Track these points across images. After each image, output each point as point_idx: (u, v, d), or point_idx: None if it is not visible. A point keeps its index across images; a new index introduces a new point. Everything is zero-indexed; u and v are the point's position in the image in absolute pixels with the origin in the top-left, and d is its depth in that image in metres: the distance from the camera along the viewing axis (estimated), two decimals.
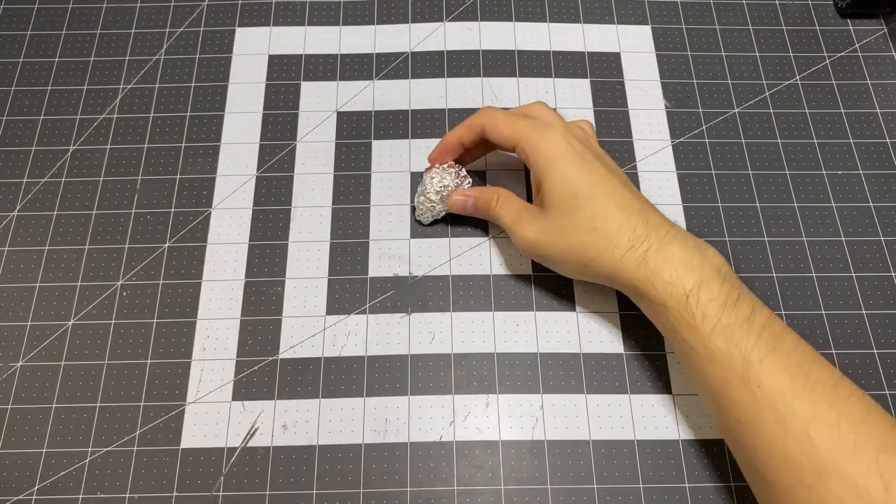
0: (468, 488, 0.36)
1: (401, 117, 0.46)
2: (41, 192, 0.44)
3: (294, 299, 0.41)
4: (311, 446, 0.37)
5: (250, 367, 0.39)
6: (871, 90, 0.47)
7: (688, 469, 0.37)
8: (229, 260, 0.42)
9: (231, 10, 0.50)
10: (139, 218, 0.43)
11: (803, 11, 0.50)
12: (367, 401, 0.38)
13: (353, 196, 0.43)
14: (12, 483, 0.36)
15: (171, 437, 0.37)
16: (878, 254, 0.42)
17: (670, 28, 0.49)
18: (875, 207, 0.44)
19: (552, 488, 0.36)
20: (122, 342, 0.40)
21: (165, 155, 0.45)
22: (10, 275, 0.41)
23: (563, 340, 0.40)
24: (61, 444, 0.37)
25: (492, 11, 0.50)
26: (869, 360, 0.39)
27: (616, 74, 0.48)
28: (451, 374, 0.39)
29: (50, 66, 0.48)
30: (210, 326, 0.40)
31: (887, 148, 0.45)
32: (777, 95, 0.47)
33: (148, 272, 0.41)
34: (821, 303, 0.41)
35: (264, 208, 0.43)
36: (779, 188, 0.44)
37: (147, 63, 0.48)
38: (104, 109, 0.46)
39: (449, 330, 0.40)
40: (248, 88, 0.47)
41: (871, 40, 0.49)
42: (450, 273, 0.41)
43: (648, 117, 0.46)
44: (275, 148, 0.45)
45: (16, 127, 0.46)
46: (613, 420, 0.38)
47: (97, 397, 0.38)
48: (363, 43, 0.48)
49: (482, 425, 0.38)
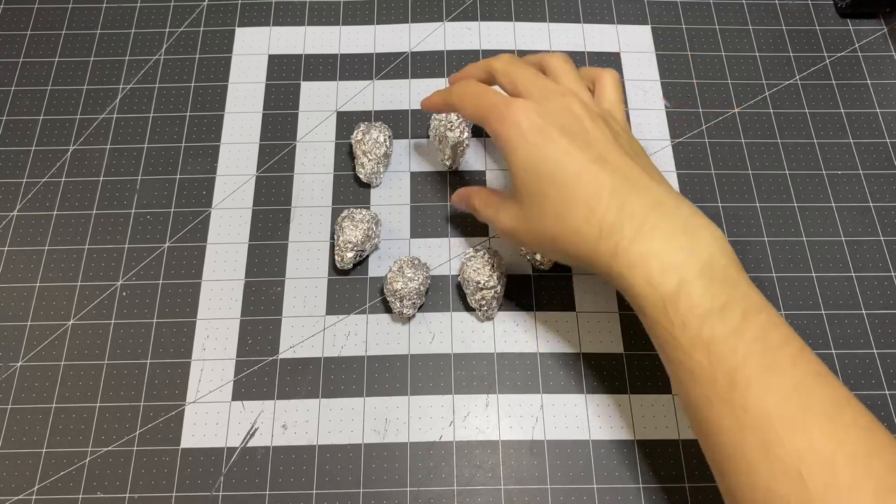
0: (468, 488, 0.36)
1: (401, 117, 0.46)
2: (41, 192, 0.44)
3: (294, 299, 0.41)
4: (311, 446, 0.37)
5: (250, 367, 0.39)
6: (871, 90, 0.47)
7: (688, 469, 0.37)
8: (229, 260, 0.42)
9: (231, 9, 0.50)
10: (139, 218, 0.43)
11: (803, 11, 0.50)
12: (367, 401, 0.38)
13: (354, 196, 0.43)
14: (12, 483, 0.36)
15: (170, 436, 0.37)
16: (878, 254, 0.42)
17: (670, 28, 0.49)
18: (875, 207, 0.44)
19: (552, 488, 0.36)
20: (122, 342, 0.40)
21: (165, 155, 0.45)
22: (10, 275, 0.41)
23: (563, 340, 0.40)
24: (61, 444, 0.37)
25: (492, 11, 0.50)
26: (869, 360, 0.39)
27: None
28: (451, 374, 0.39)
29: (50, 66, 0.48)
30: (210, 326, 0.40)
31: (887, 148, 0.45)
32: (777, 95, 0.47)
33: (148, 272, 0.41)
34: (821, 303, 0.41)
35: (264, 208, 0.43)
36: (779, 188, 0.44)
37: (147, 63, 0.48)
38: (104, 109, 0.46)
39: (449, 330, 0.40)
40: (248, 88, 0.47)
41: (871, 40, 0.49)
42: (449, 273, 0.41)
43: (648, 117, 0.46)
44: (275, 148, 0.45)
45: (16, 127, 0.46)
46: (613, 420, 0.38)
47: (97, 397, 0.38)
48: (363, 43, 0.48)
49: (482, 425, 0.38)
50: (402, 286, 0.38)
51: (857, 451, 0.26)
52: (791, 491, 0.26)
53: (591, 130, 0.33)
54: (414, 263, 0.39)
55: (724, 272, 0.29)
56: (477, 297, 0.39)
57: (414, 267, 0.39)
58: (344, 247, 0.40)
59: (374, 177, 0.43)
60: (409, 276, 0.38)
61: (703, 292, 0.29)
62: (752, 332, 0.28)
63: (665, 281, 0.29)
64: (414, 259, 0.40)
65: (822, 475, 0.26)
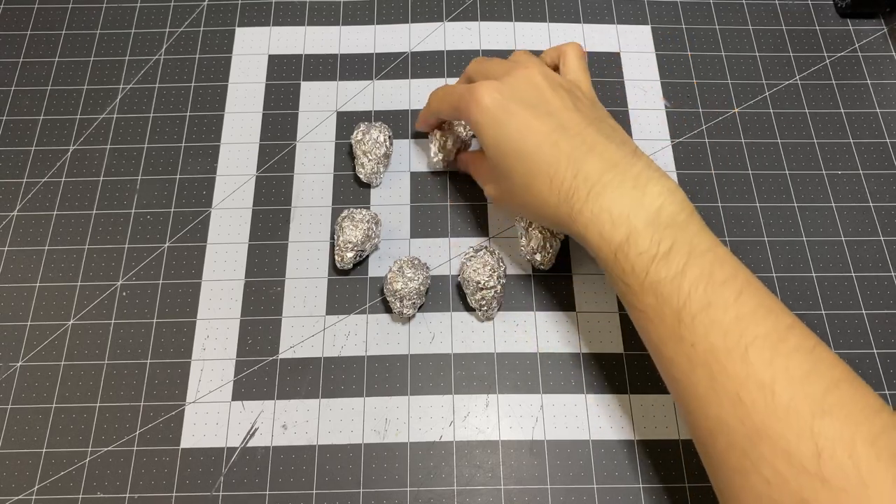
0: (468, 488, 0.36)
1: (401, 117, 0.46)
2: (41, 192, 0.44)
3: (294, 299, 0.41)
4: (311, 446, 0.37)
5: (250, 367, 0.39)
6: (871, 90, 0.47)
7: (687, 469, 0.37)
8: (229, 260, 0.42)
9: (231, 10, 0.50)
10: (139, 218, 0.43)
11: (803, 11, 0.50)
12: (367, 401, 0.38)
13: (354, 196, 0.43)
14: (12, 483, 0.36)
15: (170, 436, 0.37)
16: (878, 254, 0.42)
17: (670, 28, 0.49)
18: (875, 207, 0.44)
19: (552, 488, 0.36)
20: (122, 342, 0.40)
21: (165, 155, 0.45)
22: (10, 275, 0.41)
23: (563, 340, 0.40)
24: (61, 444, 0.37)
25: (492, 11, 0.50)
26: (869, 360, 0.39)
27: (616, 74, 0.48)
28: (451, 374, 0.39)
29: (50, 66, 0.48)
30: (210, 326, 0.40)
31: (887, 148, 0.45)
32: (777, 95, 0.47)
33: (148, 272, 0.41)
34: (821, 303, 0.41)
35: (264, 208, 0.43)
36: (779, 188, 0.44)
37: (147, 63, 0.48)
38: (104, 109, 0.46)
39: (449, 330, 0.40)
40: (248, 88, 0.47)
41: (871, 40, 0.49)
42: (449, 273, 0.41)
43: (648, 117, 0.46)
44: (275, 148, 0.45)
45: (16, 127, 0.46)
46: (613, 420, 0.38)
47: (97, 397, 0.38)
48: (363, 43, 0.48)
49: (482, 425, 0.38)
50: (402, 286, 0.38)
51: (794, 376, 0.27)
52: (734, 416, 0.27)
53: (551, 100, 0.35)
54: (414, 263, 0.39)
55: (672, 219, 0.31)
56: (477, 297, 0.39)
57: (414, 267, 0.39)
58: (344, 247, 0.40)
59: (374, 177, 0.43)
60: (409, 276, 0.38)
61: (649, 239, 0.31)
62: (696, 271, 0.30)
63: (615, 233, 0.31)
64: (414, 259, 0.40)
65: (762, 399, 0.27)
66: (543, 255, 0.40)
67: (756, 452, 0.27)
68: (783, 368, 0.27)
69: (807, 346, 0.28)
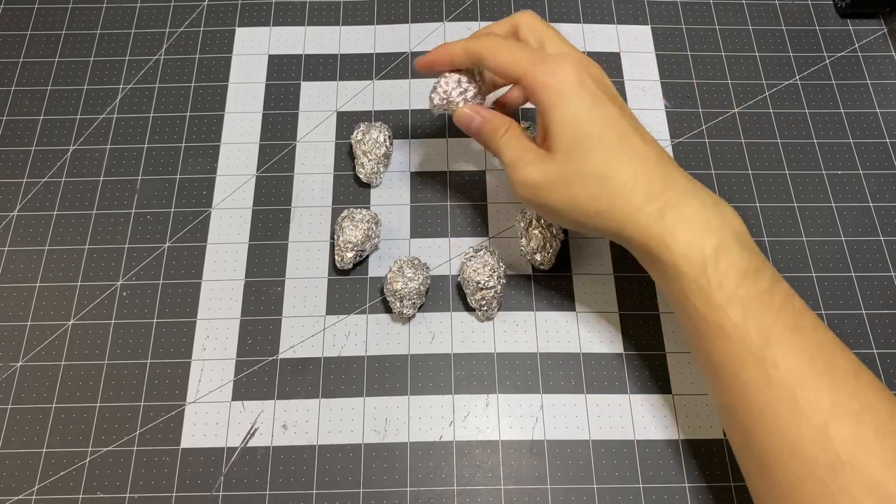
0: (468, 488, 0.36)
1: (401, 117, 0.46)
2: (41, 192, 0.44)
3: (294, 299, 0.41)
4: (311, 446, 0.37)
5: (250, 367, 0.39)
6: (871, 90, 0.47)
7: (687, 469, 0.37)
8: (229, 260, 0.42)
9: (231, 10, 0.50)
10: (139, 218, 0.43)
11: (803, 11, 0.50)
12: (367, 401, 0.38)
13: (354, 196, 0.43)
14: (12, 483, 0.36)
15: (170, 436, 0.37)
16: (878, 254, 0.42)
17: (670, 28, 0.49)
18: (875, 207, 0.44)
19: (552, 488, 0.36)
20: (122, 342, 0.40)
21: (165, 155, 0.45)
22: (10, 275, 0.41)
23: (563, 340, 0.40)
24: (61, 444, 0.37)
25: (492, 11, 0.50)
26: (869, 360, 0.39)
27: (616, 74, 0.48)
28: (451, 374, 0.39)
29: (50, 66, 0.48)
30: (210, 326, 0.40)
31: (887, 148, 0.45)
32: (777, 95, 0.47)
33: (148, 272, 0.41)
34: (821, 303, 0.41)
35: (264, 208, 0.43)
36: (779, 188, 0.44)
37: (147, 63, 0.48)
38: (104, 109, 0.46)
39: (449, 330, 0.40)
40: (248, 88, 0.47)
41: (871, 40, 0.49)
42: (449, 273, 0.41)
43: (648, 117, 0.46)
44: (275, 148, 0.45)
45: (16, 127, 0.46)
46: (613, 420, 0.38)
47: (97, 397, 0.38)
48: (363, 43, 0.48)
49: (482, 425, 0.38)
50: (402, 286, 0.38)
51: (878, 408, 0.27)
52: (817, 445, 0.27)
53: (624, 104, 0.35)
54: (414, 263, 0.39)
55: (751, 243, 0.32)
56: (477, 297, 0.39)
57: (414, 267, 0.39)
58: (344, 247, 0.40)
59: (374, 177, 0.43)
60: (409, 276, 0.38)
61: (739, 254, 0.30)
62: (781, 296, 0.30)
63: (707, 241, 0.31)
64: (414, 259, 0.40)
65: (848, 430, 0.27)
66: (543, 255, 0.40)
67: (837, 482, 0.27)
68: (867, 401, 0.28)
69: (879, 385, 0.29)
